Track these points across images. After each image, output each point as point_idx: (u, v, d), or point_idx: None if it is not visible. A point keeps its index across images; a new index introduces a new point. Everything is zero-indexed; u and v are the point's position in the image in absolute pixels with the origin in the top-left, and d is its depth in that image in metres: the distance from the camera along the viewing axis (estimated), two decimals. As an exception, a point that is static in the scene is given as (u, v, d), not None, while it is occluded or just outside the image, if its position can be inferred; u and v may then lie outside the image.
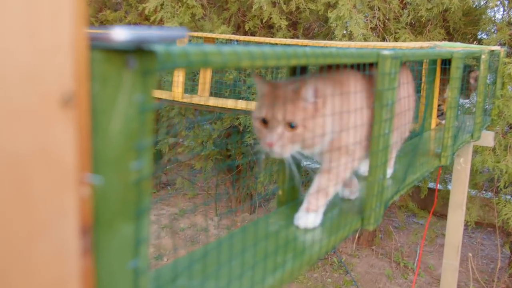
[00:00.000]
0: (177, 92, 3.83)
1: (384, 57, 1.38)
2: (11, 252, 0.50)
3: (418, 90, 2.65)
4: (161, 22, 5.21)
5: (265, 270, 1.10)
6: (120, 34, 0.55)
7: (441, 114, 2.82)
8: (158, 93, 4.15)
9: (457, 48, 2.54)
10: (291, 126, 1.24)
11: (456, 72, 2.09)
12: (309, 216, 1.36)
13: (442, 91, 2.66)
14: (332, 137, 1.37)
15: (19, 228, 0.50)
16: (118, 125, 0.61)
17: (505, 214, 3.87)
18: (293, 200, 1.55)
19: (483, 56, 2.58)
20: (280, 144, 1.25)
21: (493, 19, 3.99)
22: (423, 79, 2.72)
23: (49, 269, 0.54)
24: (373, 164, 1.44)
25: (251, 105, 3.69)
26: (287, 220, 1.41)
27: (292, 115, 1.24)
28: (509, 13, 4.12)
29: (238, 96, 4.79)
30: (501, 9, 4.09)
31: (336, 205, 1.50)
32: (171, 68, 0.69)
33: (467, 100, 2.86)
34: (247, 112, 4.12)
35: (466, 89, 2.66)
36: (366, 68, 1.49)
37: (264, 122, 1.27)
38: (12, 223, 0.50)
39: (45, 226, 0.52)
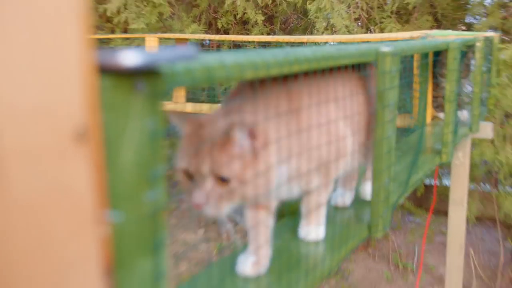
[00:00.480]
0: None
1: (383, 55, 1.40)
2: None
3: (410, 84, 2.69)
4: (125, 23, 5.17)
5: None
6: (131, 58, 0.55)
7: (437, 106, 2.83)
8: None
9: (450, 36, 2.59)
10: (223, 179, 1.03)
11: (453, 63, 2.12)
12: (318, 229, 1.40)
13: (439, 83, 2.66)
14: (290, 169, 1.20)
15: (43, 277, 0.50)
16: (130, 154, 0.60)
17: (507, 208, 3.93)
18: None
19: (478, 44, 2.62)
20: (211, 204, 1.03)
21: (482, 2, 4.06)
22: (415, 72, 2.75)
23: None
24: (377, 168, 1.46)
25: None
26: (289, 234, 1.41)
27: (221, 167, 1.02)
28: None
29: (214, 101, 4.78)
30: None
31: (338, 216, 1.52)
32: (177, 86, 0.70)
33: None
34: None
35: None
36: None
37: (189, 175, 1.06)
38: (35, 273, 0.49)
39: (67, 273, 0.52)
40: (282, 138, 1.12)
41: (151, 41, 3.97)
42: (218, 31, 5.36)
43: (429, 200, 3.79)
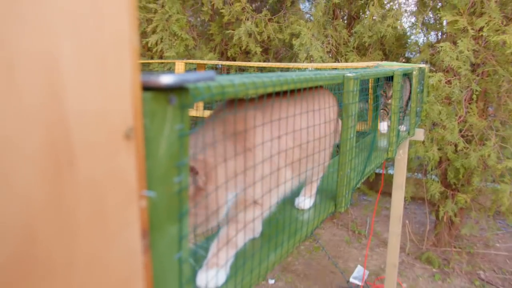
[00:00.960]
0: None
1: (348, 78, 1.39)
2: (94, 256, 0.49)
3: (367, 99, 2.68)
4: (161, 52, 5.15)
5: (268, 250, 1.09)
6: (167, 79, 0.55)
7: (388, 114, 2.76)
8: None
9: (394, 66, 2.58)
10: None
11: (397, 85, 2.11)
12: (211, 273, 0.89)
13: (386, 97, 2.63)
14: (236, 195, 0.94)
15: (98, 236, 0.49)
16: (164, 149, 0.60)
17: (432, 190, 3.94)
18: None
19: (414, 72, 2.62)
20: None
21: (417, 43, 4.06)
22: (370, 91, 2.74)
23: (121, 265, 0.53)
24: (342, 161, 1.46)
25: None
26: (289, 204, 1.39)
27: None
28: (428, 38, 4.20)
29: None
30: (422, 35, 4.17)
31: (317, 194, 1.50)
32: (200, 100, 0.69)
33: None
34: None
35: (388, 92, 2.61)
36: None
37: None
38: (93, 233, 0.49)
39: (117, 233, 0.52)
40: (228, 168, 0.88)
41: (180, 65, 3.95)
42: (227, 59, 5.35)
43: (379, 185, 3.81)
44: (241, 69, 4.52)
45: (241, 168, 0.90)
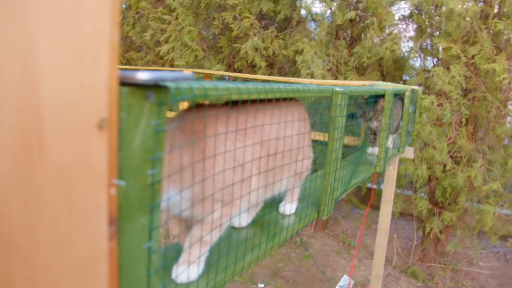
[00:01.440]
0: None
1: (336, 92, 1.39)
2: (58, 238, 0.49)
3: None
4: (172, 61, 5.20)
5: (245, 249, 1.09)
6: (143, 75, 0.55)
7: (373, 141, 2.56)
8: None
9: (389, 86, 2.58)
10: None
11: (388, 104, 2.11)
12: (182, 268, 0.90)
13: (371, 120, 2.46)
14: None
15: (65, 219, 0.49)
16: (138, 142, 0.60)
17: (420, 207, 3.91)
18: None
19: (407, 93, 2.62)
20: None
21: (413, 66, 4.07)
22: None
23: (87, 249, 0.53)
24: (326, 171, 1.45)
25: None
26: (270, 208, 1.39)
27: None
28: (424, 63, 4.21)
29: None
30: (419, 59, 4.18)
31: (301, 201, 1.49)
32: (181, 100, 0.69)
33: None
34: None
35: (375, 114, 2.40)
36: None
37: None
38: (59, 215, 0.49)
39: (84, 217, 0.52)
40: (185, 167, 0.85)
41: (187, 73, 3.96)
42: (234, 70, 5.38)
43: (369, 198, 3.79)
44: (246, 81, 4.55)
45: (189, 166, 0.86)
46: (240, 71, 5.26)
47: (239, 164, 0.95)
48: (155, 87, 0.61)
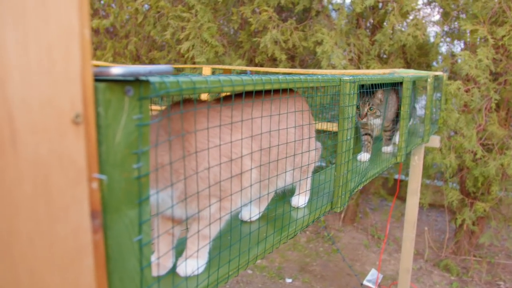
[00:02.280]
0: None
1: (344, 81, 1.37)
2: (38, 229, 0.51)
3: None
4: (192, 58, 5.24)
5: (250, 243, 1.09)
6: (116, 70, 0.56)
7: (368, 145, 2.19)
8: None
9: (410, 73, 2.51)
10: None
11: (406, 92, 2.06)
12: (192, 263, 0.93)
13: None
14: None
15: (42, 212, 0.51)
16: (120, 137, 0.61)
17: (451, 198, 3.80)
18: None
19: (429, 80, 2.54)
20: None
21: (439, 52, 3.94)
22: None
23: (69, 242, 0.55)
24: (338, 162, 1.43)
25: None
26: (280, 200, 1.39)
27: None
28: (451, 47, 4.06)
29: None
30: (445, 44, 4.03)
31: (314, 193, 1.48)
32: (166, 94, 0.70)
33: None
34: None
35: (371, 109, 2.00)
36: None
37: None
38: (38, 208, 0.50)
39: (64, 210, 0.53)
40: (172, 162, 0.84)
41: (207, 70, 3.98)
42: (255, 65, 5.37)
43: (400, 191, 3.72)
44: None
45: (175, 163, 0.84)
46: (262, 66, 5.25)
47: (233, 159, 0.94)
48: (134, 81, 0.62)
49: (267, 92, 1.00)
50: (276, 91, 1.06)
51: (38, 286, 0.52)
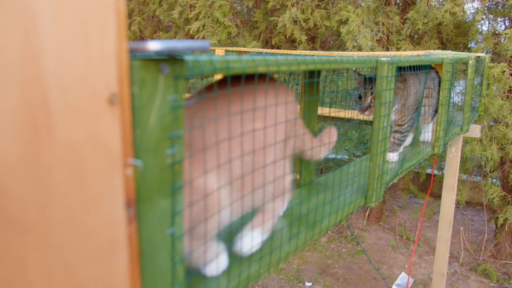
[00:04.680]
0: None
1: (381, 63, 1.36)
2: (72, 219, 0.52)
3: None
4: (203, 39, 5.24)
5: (282, 239, 1.10)
6: (154, 45, 0.56)
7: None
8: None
9: (448, 55, 2.48)
10: None
11: (446, 75, 2.03)
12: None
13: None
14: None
15: (78, 199, 0.52)
16: (155, 119, 0.62)
17: (491, 194, 3.76)
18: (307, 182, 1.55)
19: (470, 62, 2.50)
20: None
21: (480, 30, 3.87)
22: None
23: (102, 233, 0.56)
24: (373, 152, 1.43)
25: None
26: (301, 199, 1.40)
27: None
28: (493, 25, 3.98)
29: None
30: (486, 22, 3.96)
31: (348, 185, 1.48)
32: (200, 73, 0.70)
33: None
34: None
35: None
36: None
37: None
38: (71, 196, 0.51)
39: (98, 198, 0.54)
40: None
41: (219, 52, 3.99)
42: (272, 47, 5.34)
43: (429, 186, 3.68)
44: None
45: None
46: (279, 48, 5.23)
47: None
48: (169, 59, 0.62)
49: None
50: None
51: (71, 281, 0.53)
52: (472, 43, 4.03)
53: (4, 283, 0.46)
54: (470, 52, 3.71)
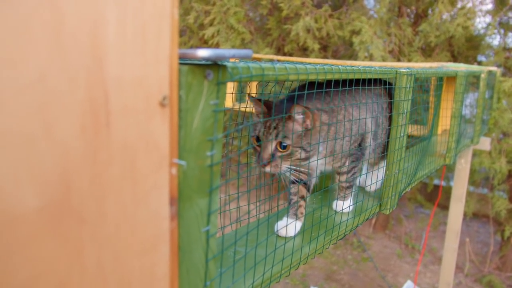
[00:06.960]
0: (229, 101, 3.89)
1: (401, 74, 1.38)
2: (124, 212, 0.55)
3: (427, 101, 2.61)
4: (217, 45, 5.28)
5: (301, 241, 1.12)
6: (203, 52, 0.59)
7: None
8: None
9: (460, 68, 2.49)
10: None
11: (459, 88, 2.05)
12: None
13: None
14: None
15: (129, 195, 0.55)
16: (197, 122, 0.64)
17: (498, 207, 3.75)
18: (322, 188, 1.57)
19: (482, 75, 2.52)
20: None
21: (491, 45, 3.88)
22: (431, 93, 2.67)
23: (149, 227, 0.58)
24: (390, 161, 1.45)
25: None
26: (318, 204, 1.43)
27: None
28: (505, 40, 4.00)
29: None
30: (498, 36, 3.97)
31: (360, 193, 1.50)
32: (237, 80, 0.73)
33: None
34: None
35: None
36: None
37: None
38: (124, 191, 0.54)
39: (146, 195, 0.57)
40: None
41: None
42: (284, 54, 5.38)
43: (437, 196, 3.69)
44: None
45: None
46: (291, 55, 5.25)
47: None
48: (214, 65, 0.65)
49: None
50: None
51: (120, 271, 0.56)
52: (482, 57, 4.04)
53: (63, 270, 0.49)
54: (481, 65, 3.72)
